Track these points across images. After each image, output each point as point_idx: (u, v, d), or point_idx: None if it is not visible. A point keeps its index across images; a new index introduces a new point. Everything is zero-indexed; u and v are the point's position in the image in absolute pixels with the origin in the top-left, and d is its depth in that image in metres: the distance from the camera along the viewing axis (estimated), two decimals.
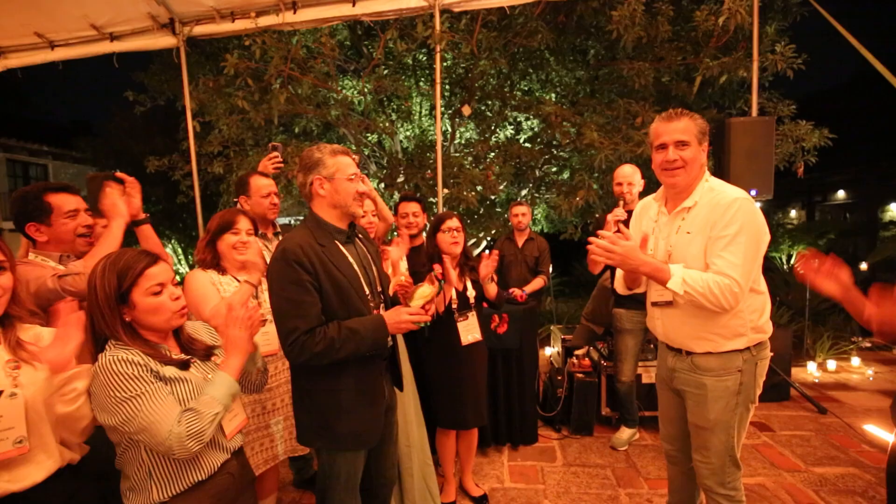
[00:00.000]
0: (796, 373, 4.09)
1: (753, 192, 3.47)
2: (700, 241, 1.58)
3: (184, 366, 1.28)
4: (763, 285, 1.64)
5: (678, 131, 1.60)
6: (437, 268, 1.86)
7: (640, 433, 3.16)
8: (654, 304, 1.77)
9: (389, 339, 1.69)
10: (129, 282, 1.20)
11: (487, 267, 2.32)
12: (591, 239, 1.59)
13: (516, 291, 3.30)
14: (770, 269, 8.38)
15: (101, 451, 1.31)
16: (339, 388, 1.57)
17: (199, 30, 4.52)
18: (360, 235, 1.73)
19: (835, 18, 3.66)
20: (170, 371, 1.22)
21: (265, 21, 4.35)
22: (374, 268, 1.71)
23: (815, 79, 4.22)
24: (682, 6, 4.70)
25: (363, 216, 2.46)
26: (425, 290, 1.63)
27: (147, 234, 1.87)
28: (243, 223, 1.93)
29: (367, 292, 1.61)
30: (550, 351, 4.11)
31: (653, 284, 1.75)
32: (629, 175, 2.96)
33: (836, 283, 1.43)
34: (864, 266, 5.96)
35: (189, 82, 4.69)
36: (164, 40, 4.53)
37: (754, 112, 4.22)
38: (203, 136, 5.01)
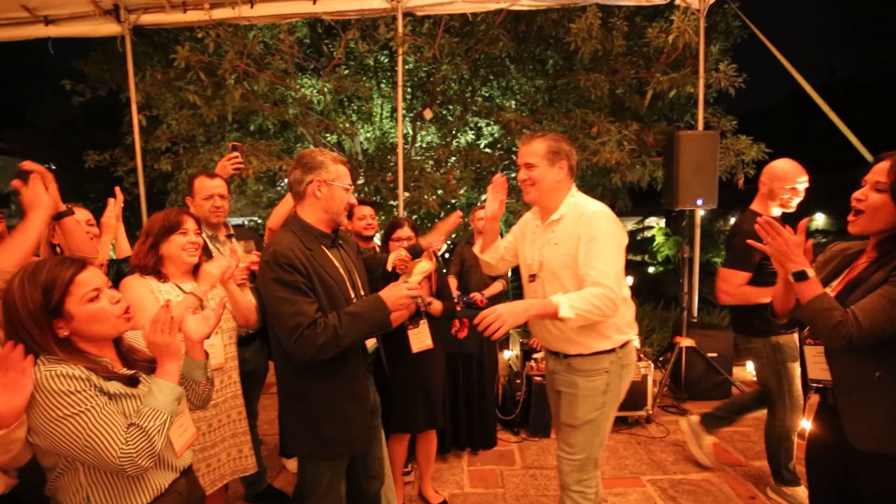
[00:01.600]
0: (736, 372, 4.34)
1: (700, 202, 3.67)
2: (565, 250, 1.72)
3: (131, 382, 1.18)
4: (626, 290, 1.77)
5: (526, 154, 1.78)
6: (433, 243, 1.92)
7: None
8: None
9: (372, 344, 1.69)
10: (60, 293, 1.08)
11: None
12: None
13: (476, 295, 3.32)
14: (711, 273, 8.89)
15: (26, 477, 1.19)
16: (329, 390, 1.56)
17: (147, 19, 4.28)
18: (340, 240, 1.73)
19: (769, 44, 3.95)
20: (115, 387, 1.13)
21: (220, 13, 4.19)
22: (355, 272, 1.71)
23: (749, 97, 4.54)
24: (636, 23, 4.91)
25: (362, 219, 2.64)
26: (424, 265, 1.65)
27: (70, 228, 1.66)
28: (190, 223, 1.80)
29: (353, 295, 1.63)
30: (509, 354, 4.16)
31: (528, 292, 1.88)
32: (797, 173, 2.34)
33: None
34: None
35: (135, 73, 4.43)
36: (107, 27, 4.26)
37: (700, 126, 4.47)
38: (150, 131, 4.74)
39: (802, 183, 2.31)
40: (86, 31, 4.28)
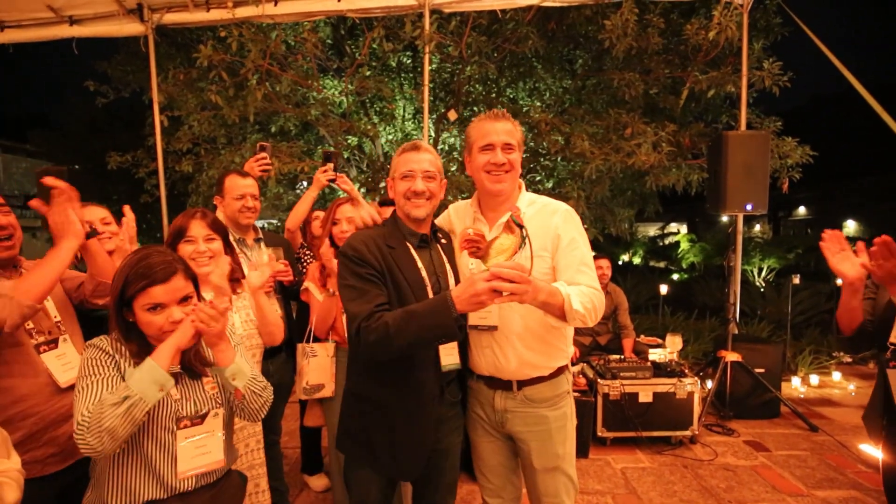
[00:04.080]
0: (785, 388, 4.08)
1: (749, 207, 3.44)
2: (536, 254, 1.43)
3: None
4: None
5: (506, 132, 1.48)
6: (516, 209, 1.41)
7: (638, 454, 3.03)
8: (476, 327, 1.49)
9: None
10: (131, 294, 1.16)
11: None
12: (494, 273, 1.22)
13: None
14: (744, 281, 8.54)
15: None
16: (384, 400, 1.41)
17: (170, 18, 4.22)
18: (442, 241, 1.56)
19: (817, 41, 3.70)
20: None
21: (243, 12, 4.10)
22: (448, 275, 1.50)
23: (773, 99, 4.35)
24: (671, 20, 4.70)
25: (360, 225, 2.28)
26: (504, 242, 1.24)
27: (94, 250, 1.54)
28: (197, 229, 1.60)
29: None
30: None
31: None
32: None
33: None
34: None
35: (157, 74, 4.37)
36: (130, 27, 4.20)
37: (743, 126, 4.23)
38: (171, 132, 4.68)
39: None
40: (109, 31, 4.23)
